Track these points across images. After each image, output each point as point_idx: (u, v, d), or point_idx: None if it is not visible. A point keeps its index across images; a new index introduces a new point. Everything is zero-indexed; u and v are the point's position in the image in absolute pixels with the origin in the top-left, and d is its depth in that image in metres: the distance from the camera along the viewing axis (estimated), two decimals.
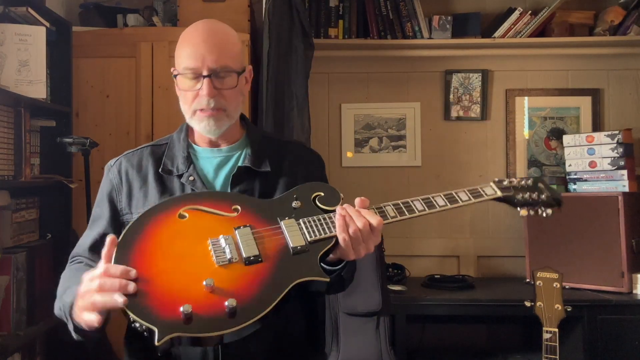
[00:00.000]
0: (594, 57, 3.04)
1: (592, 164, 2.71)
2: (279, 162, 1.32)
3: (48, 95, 2.28)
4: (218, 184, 1.30)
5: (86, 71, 2.57)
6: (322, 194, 1.22)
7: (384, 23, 2.92)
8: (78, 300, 1.06)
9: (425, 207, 1.24)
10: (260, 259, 1.11)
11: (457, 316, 2.78)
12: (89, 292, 1.03)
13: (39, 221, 2.32)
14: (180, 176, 1.28)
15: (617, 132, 2.65)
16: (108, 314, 1.05)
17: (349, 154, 3.11)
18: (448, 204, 1.25)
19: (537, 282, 1.93)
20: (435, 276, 2.81)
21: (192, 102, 1.25)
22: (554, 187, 2.80)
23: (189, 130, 1.36)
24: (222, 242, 1.12)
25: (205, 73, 1.22)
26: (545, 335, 1.89)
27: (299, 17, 2.63)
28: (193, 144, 1.34)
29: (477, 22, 2.96)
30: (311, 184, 1.25)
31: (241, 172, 1.28)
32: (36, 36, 2.16)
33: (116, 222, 1.30)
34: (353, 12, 2.94)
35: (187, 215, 1.15)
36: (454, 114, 3.09)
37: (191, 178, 1.27)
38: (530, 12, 2.87)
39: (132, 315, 1.00)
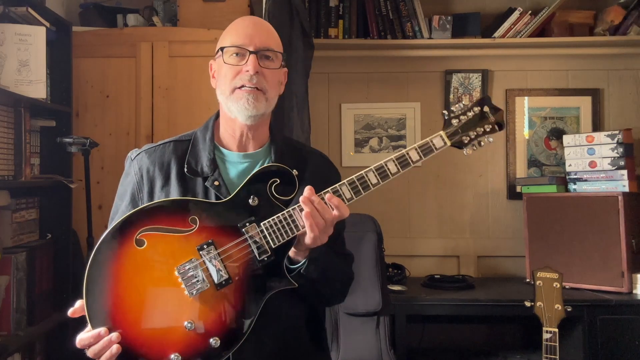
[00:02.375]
0: (594, 57, 3.04)
1: (592, 164, 2.71)
2: (301, 171, 1.28)
3: (48, 95, 2.28)
4: None
5: (86, 71, 2.57)
6: (278, 180, 1.19)
7: (384, 23, 2.92)
8: None
9: (380, 180, 1.19)
10: (230, 281, 1.14)
11: (457, 316, 2.78)
12: (89, 355, 1.10)
13: (39, 221, 2.32)
14: (205, 179, 1.26)
15: (617, 132, 2.65)
16: None
17: (350, 154, 3.11)
18: (400, 169, 1.21)
19: (537, 282, 1.93)
20: (435, 276, 2.81)
21: (234, 79, 1.25)
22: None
23: (214, 129, 1.34)
24: (190, 270, 1.12)
25: (251, 49, 1.24)
26: (545, 335, 1.89)
27: (299, 17, 2.63)
28: (220, 146, 1.32)
29: (477, 22, 2.96)
30: (264, 171, 1.21)
31: None
32: (36, 36, 2.16)
33: None
34: (353, 12, 2.94)
35: (145, 241, 1.12)
36: None
37: (216, 183, 1.24)
38: (530, 12, 2.87)
39: None
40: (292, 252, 1.19)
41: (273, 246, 1.15)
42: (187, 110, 2.55)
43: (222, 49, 1.28)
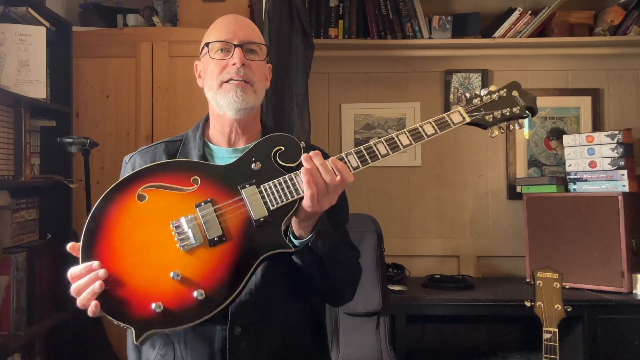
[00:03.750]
0: (594, 57, 3.04)
1: (592, 164, 2.71)
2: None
3: (48, 95, 2.28)
4: None
5: (86, 71, 2.57)
6: (282, 148, 1.18)
7: (384, 23, 2.92)
8: None
9: (389, 151, 1.16)
10: (224, 239, 1.12)
11: (457, 316, 2.78)
12: (72, 294, 1.07)
13: (39, 221, 2.32)
14: None
15: (617, 132, 2.65)
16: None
17: None
18: (412, 142, 1.17)
19: (537, 282, 1.93)
20: (435, 276, 2.81)
21: (220, 73, 1.26)
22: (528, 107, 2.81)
23: (205, 128, 1.35)
24: (184, 225, 1.11)
25: (236, 43, 1.26)
26: (545, 335, 1.89)
27: (299, 17, 2.63)
28: (209, 143, 1.33)
29: (477, 22, 2.96)
30: (269, 138, 1.20)
31: None
32: (36, 36, 2.16)
33: None
34: (353, 12, 2.94)
35: (146, 195, 1.13)
36: None
37: None
38: (530, 12, 2.87)
39: (108, 316, 1.05)
40: (295, 225, 1.16)
41: (271, 207, 1.13)
42: (187, 110, 2.55)
43: (207, 44, 1.29)
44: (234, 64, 1.24)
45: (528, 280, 2.59)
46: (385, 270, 2.50)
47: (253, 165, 1.17)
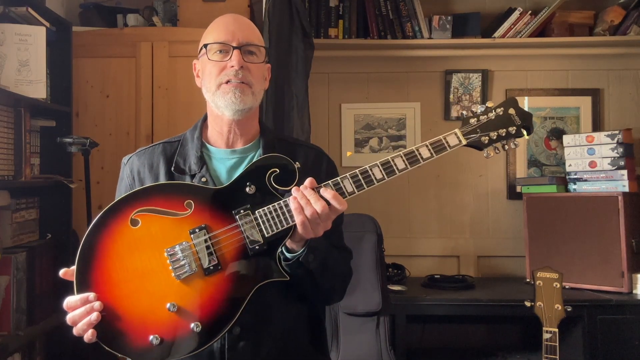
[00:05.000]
0: (594, 57, 3.04)
1: (592, 164, 2.70)
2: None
3: (48, 95, 2.28)
4: None
5: (86, 71, 2.57)
6: (278, 170, 1.16)
7: (384, 23, 2.92)
8: None
9: (385, 175, 1.15)
10: (219, 267, 1.11)
11: (457, 316, 2.78)
12: (68, 323, 1.08)
13: (39, 221, 2.32)
14: (192, 176, 1.26)
15: (617, 132, 2.65)
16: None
17: (349, 154, 3.11)
18: (409, 166, 1.16)
19: (537, 282, 1.93)
20: (435, 276, 2.81)
21: (219, 75, 1.25)
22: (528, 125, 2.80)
23: (203, 129, 1.35)
24: (179, 252, 1.11)
25: (235, 45, 1.25)
26: (545, 335, 1.89)
27: (299, 17, 2.63)
28: (207, 144, 1.32)
29: (477, 22, 2.96)
30: (265, 160, 1.18)
31: None
32: (36, 36, 2.16)
33: None
34: (353, 12, 2.94)
35: (139, 221, 1.12)
36: (454, 114, 3.09)
37: (204, 179, 1.25)
38: (530, 12, 2.87)
39: (106, 348, 1.05)
40: (288, 242, 1.16)
41: (266, 235, 1.13)
42: (187, 110, 2.55)
43: (205, 46, 1.29)
44: (232, 67, 1.24)
45: (528, 280, 2.58)
46: (385, 270, 2.50)
47: (248, 189, 1.16)
